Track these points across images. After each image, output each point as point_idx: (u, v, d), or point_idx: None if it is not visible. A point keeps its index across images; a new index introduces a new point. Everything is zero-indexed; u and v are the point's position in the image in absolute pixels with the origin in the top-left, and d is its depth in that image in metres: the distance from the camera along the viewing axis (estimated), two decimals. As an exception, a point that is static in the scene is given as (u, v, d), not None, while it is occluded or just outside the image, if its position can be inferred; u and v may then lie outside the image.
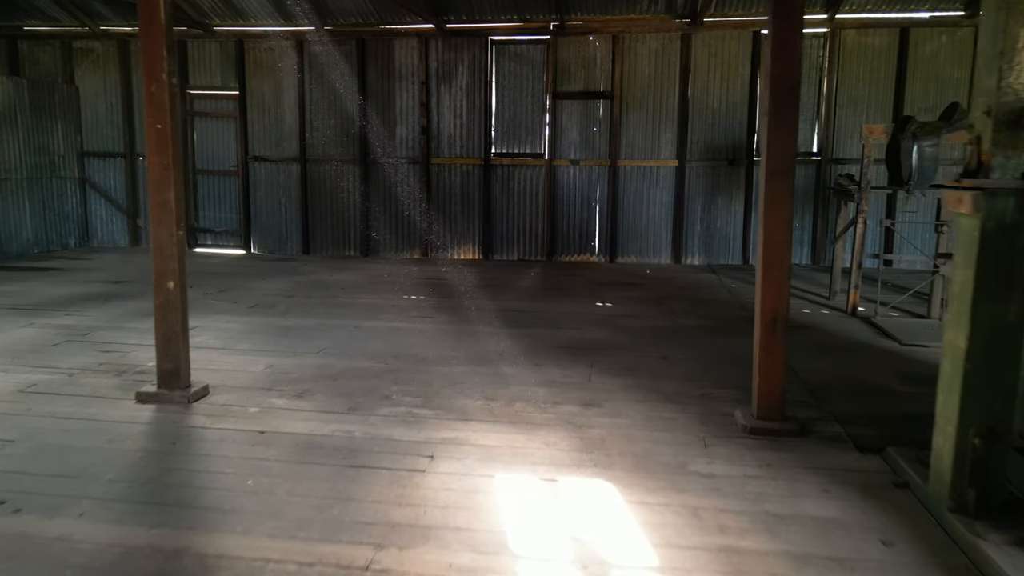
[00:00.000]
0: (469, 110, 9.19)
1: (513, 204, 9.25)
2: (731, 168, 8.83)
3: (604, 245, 9.16)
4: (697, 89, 8.76)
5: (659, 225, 9.04)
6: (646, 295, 6.99)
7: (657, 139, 8.93)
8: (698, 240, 9.00)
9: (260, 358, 4.65)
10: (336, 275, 8.02)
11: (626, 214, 9.06)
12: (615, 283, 7.65)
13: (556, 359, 4.70)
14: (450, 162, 9.28)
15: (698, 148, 8.86)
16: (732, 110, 8.75)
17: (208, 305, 6.27)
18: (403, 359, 4.68)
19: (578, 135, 9.06)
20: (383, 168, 9.41)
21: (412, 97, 9.27)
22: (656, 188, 8.99)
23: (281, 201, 9.67)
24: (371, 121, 9.36)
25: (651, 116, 8.90)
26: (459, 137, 9.26)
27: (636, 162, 8.96)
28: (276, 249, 9.76)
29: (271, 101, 9.54)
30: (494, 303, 6.54)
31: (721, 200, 8.89)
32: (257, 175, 9.69)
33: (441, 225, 9.42)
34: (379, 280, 7.68)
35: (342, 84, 9.32)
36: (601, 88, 8.95)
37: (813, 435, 3.45)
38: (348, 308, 6.23)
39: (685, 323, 5.81)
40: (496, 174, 9.24)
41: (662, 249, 9.07)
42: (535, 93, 9.06)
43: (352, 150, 9.42)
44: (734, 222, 8.91)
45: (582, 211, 9.15)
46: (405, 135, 9.35)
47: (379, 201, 9.46)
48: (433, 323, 5.72)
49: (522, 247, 9.32)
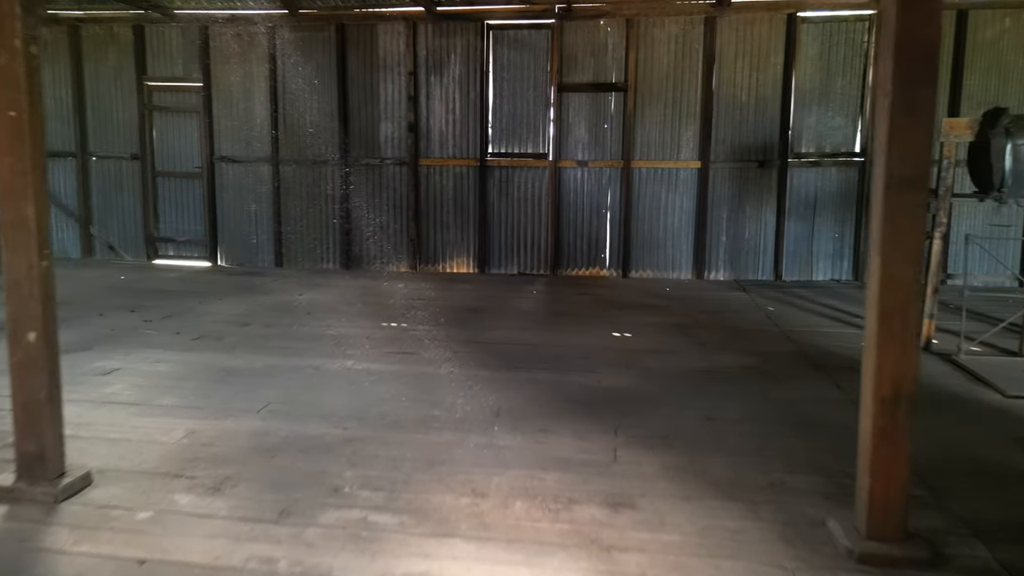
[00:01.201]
0: (463, 104, 8.10)
1: (512, 211, 8.17)
2: (761, 170, 7.74)
3: (616, 257, 8.07)
4: (723, 80, 7.68)
5: (679, 235, 7.95)
6: (669, 321, 5.90)
7: (677, 137, 7.84)
8: (723, 252, 7.91)
9: (181, 420, 3.56)
10: (308, 294, 6.93)
11: (641, 222, 7.98)
12: (631, 304, 6.56)
13: (569, 421, 3.61)
14: (441, 163, 8.19)
15: (724, 148, 7.77)
16: (763, 104, 7.66)
17: (142, 338, 5.18)
18: (368, 421, 3.58)
19: (586, 133, 7.97)
20: (366, 170, 8.33)
21: (398, 90, 8.18)
22: (675, 193, 7.90)
23: (251, 207, 8.58)
24: (352, 117, 8.28)
25: (670, 111, 7.81)
26: (451, 135, 8.17)
27: (653, 163, 7.87)
28: (246, 261, 8.66)
29: (240, 95, 8.45)
30: (489, 332, 5.45)
31: (750, 207, 7.81)
32: (224, 178, 8.60)
33: (431, 234, 8.34)
34: (356, 301, 6.59)
35: (319, 75, 8.23)
36: (613, 79, 7.86)
37: (952, 565, 2.36)
38: (312, 341, 5.14)
39: (724, 362, 4.72)
40: (493, 177, 8.15)
41: (682, 262, 7.98)
42: (538, 85, 7.97)
43: (331, 150, 8.33)
44: (764, 232, 7.82)
45: (591, 219, 8.06)
46: (391, 133, 8.26)
47: (361, 207, 8.38)
48: (414, 363, 4.62)
49: (523, 259, 8.23)
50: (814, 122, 7.64)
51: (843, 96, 7.57)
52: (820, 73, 7.56)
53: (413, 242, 8.31)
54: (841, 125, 7.62)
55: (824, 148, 7.68)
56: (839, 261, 7.77)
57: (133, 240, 8.86)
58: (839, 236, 7.73)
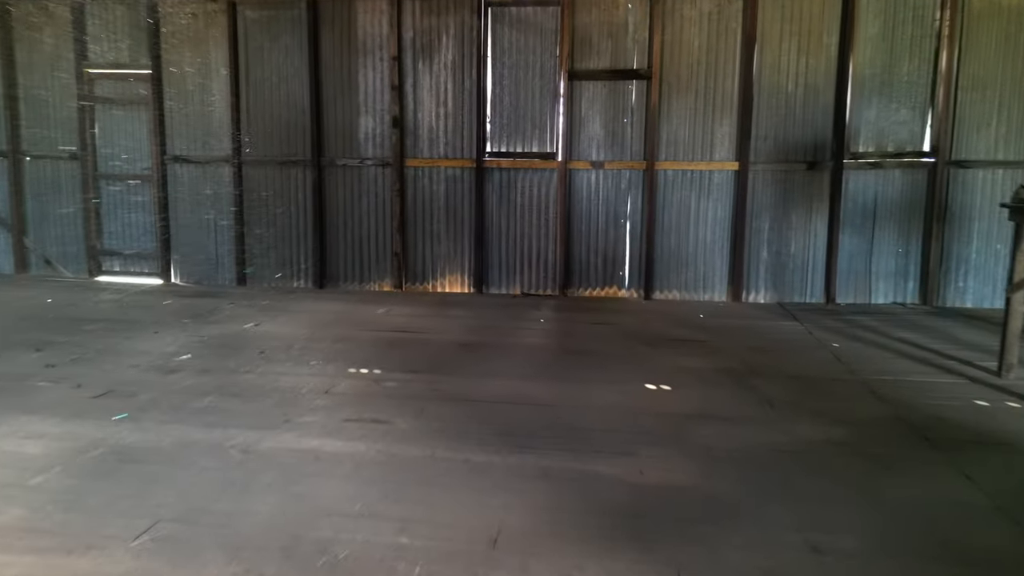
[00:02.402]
0: (456, 95, 6.87)
1: (515, 220, 6.94)
2: (811, 173, 6.51)
3: (637, 276, 6.85)
4: (766, 65, 6.45)
5: (711, 249, 6.72)
6: (714, 364, 4.67)
7: (710, 133, 6.61)
8: (764, 270, 6.68)
9: (6, 558, 2.33)
10: (267, 322, 5.70)
11: (667, 234, 6.75)
12: (661, 337, 5.33)
13: (606, 554, 2.38)
14: (431, 164, 6.97)
15: (766, 146, 6.55)
16: (813, 94, 6.44)
17: (28, 394, 3.94)
18: (298, 560, 2.35)
19: (602, 128, 6.75)
20: (343, 172, 7.10)
21: (380, 78, 6.95)
22: (708, 199, 6.68)
23: (209, 215, 7.34)
24: (327, 110, 7.05)
25: (702, 103, 6.59)
26: (443, 131, 6.94)
27: (681, 164, 6.65)
28: (204, 278, 7.43)
29: (195, 84, 7.21)
30: (486, 383, 4.22)
31: (796, 216, 6.58)
32: (178, 181, 7.36)
33: (419, 247, 7.11)
34: (324, 333, 5.36)
35: (288, 61, 7.01)
36: (634, 65, 6.63)
37: None
38: (252, 399, 3.91)
39: (804, 434, 3.49)
40: (492, 180, 6.93)
41: (715, 281, 6.75)
42: (545, 72, 6.75)
43: (302, 148, 7.10)
44: (814, 246, 6.59)
45: (607, 230, 6.83)
46: (371, 128, 7.03)
47: (337, 215, 7.15)
48: (382, 438, 3.39)
49: (527, 277, 7.00)
50: (875, 115, 6.42)
51: (910, 84, 6.34)
52: (882, 56, 6.33)
53: (398, 256, 7.08)
54: (907, 119, 6.39)
55: (886, 146, 6.45)
56: (903, 281, 6.54)
57: (74, 253, 7.62)
58: (903, 251, 6.50)
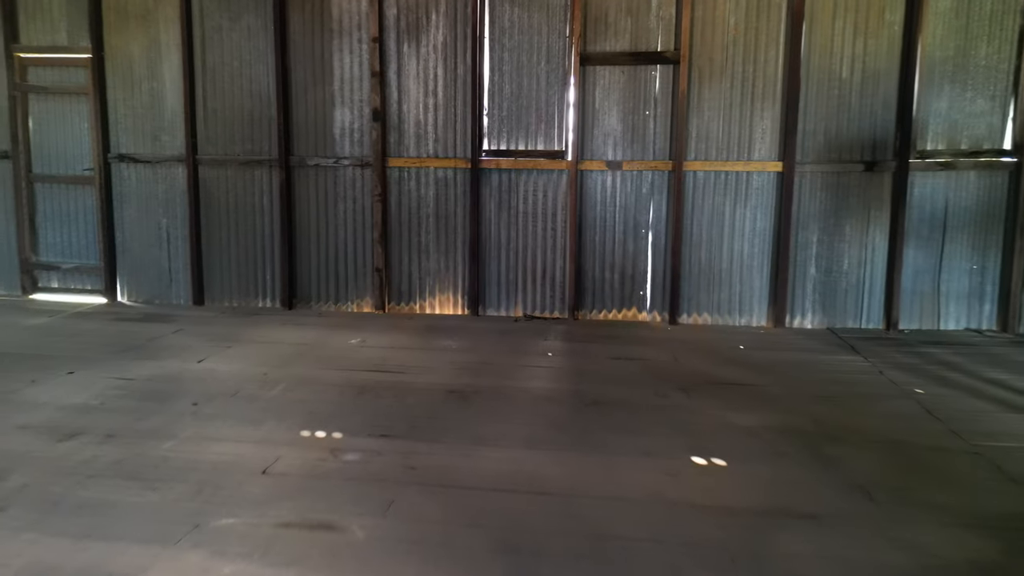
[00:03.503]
0: (448, 83, 5.85)
1: (517, 230, 5.91)
2: (868, 175, 5.49)
3: (660, 296, 5.82)
4: (815, 47, 5.43)
5: (749, 265, 5.69)
6: (774, 420, 3.63)
7: (748, 129, 5.59)
8: (812, 290, 5.65)
9: None
10: (215, 357, 4.66)
11: (696, 247, 5.72)
12: (699, 377, 4.30)
13: None
14: (419, 164, 5.94)
15: (815, 143, 5.53)
16: (872, 81, 5.41)
17: None
18: None
19: (620, 122, 5.72)
20: (315, 174, 6.07)
21: (359, 63, 5.92)
22: (745, 206, 5.65)
23: (161, 223, 6.31)
24: (296, 100, 6.02)
25: (739, 92, 5.56)
26: (432, 125, 5.92)
27: (714, 165, 5.62)
28: (156, 295, 6.39)
29: (144, 70, 6.18)
30: (478, 454, 3.19)
31: (850, 226, 5.55)
32: (125, 183, 6.33)
33: (404, 261, 6.08)
34: (280, 374, 4.33)
35: (251, 43, 5.98)
36: (658, 46, 5.61)
37: None
38: (159, 486, 2.87)
39: (933, 548, 2.45)
40: (490, 183, 5.90)
41: (754, 303, 5.72)
42: (552, 56, 5.72)
43: (267, 145, 6.08)
44: (871, 261, 5.56)
45: (626, 241, 5.81)
46: (348, 122, 6.00)
47: (308, 224, 6.12)
48: (326, 562, 2.36)
49: (531, 296, 5.97)
50: (946, 107, 5.39)
51: (988, 70, 5.32)
52: (956, 37, 5.31)
53: (379, 272, 6.04)
54: (985, 111, 5.37)
55: (959, 144, 5.43)
56: (977, 303, 5.51)
57: (5, 266, 6.58)
58: (978, 268, 5.47)
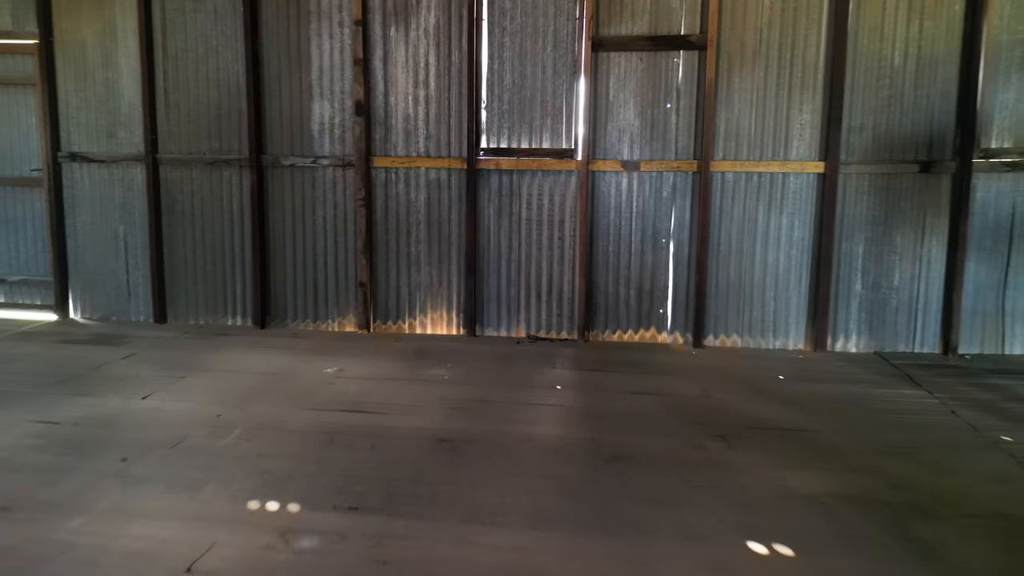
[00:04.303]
0: (441, 72, 5.14)
1: (519, 238, 5.20)
2: (924, 177, 4.79)
3: (683, 314, 5.11)
4: (864, 30, 4.73)
5: (785, 280, 4.99)
6: (840, 483, 2.91)
7: (785, 123, 4.88)
8: (858, 308, 4.94)
9: None
10: (165, 391, 3.94)
11: (724, 259, 5.02)
12: (738, 419, 3.58)
13: None
14: (408, 164, 5.23)
15: (862, 140, 4.82)
16: (929, 69, 4.71)
17: None
18: None
19: (637, 116, 5.02)
20: (291, 175, 5.36)
21: (340, 49, 5.22)
22: (781, 212, 4.95)
23: (118, 230, 5.60)
24: (269, 92, 5.31)
25: (775, 80, 4.86)
26: (423, 120, 5.21)
27: (745, 165, 4.92)
28: (113, 312, 5.68)
29: (98, 58, 5.48)
30: (471, 545, 2.46)
31: (902, 235, 4.85)
32: (78, 186, 5.62)
33: (391, 274, 5.37)
34: (237, 415, 3.61)
35: (218, 27, 5.28)
36: (682, 29, 4.91)
37: None
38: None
39: None
40: (489, 186, 5.19)
41: (790, 323, 5.01)
42: (559, 40, 5.02)
43: (237, 143, 5.37)
44: (926, 276, 4.86)
45: (643, 252, 5.10)
46: (328, 117, 5.30)
47: (284, 231, 5.41)
48: None
49: (535, 315, 5.26)
50: (1014, 98, 4.69)
51: (1063, 56, 4.63)
52: (1026, 18, 4.63)
53: (363, 287, 5.33)
54: (1059, 103, 4.67)
55: (1029, 141, 4.74)
56: (1048, 324, 4.82)
57: (-55, 279, 5.89)
58: (1050, 284, 4.78)
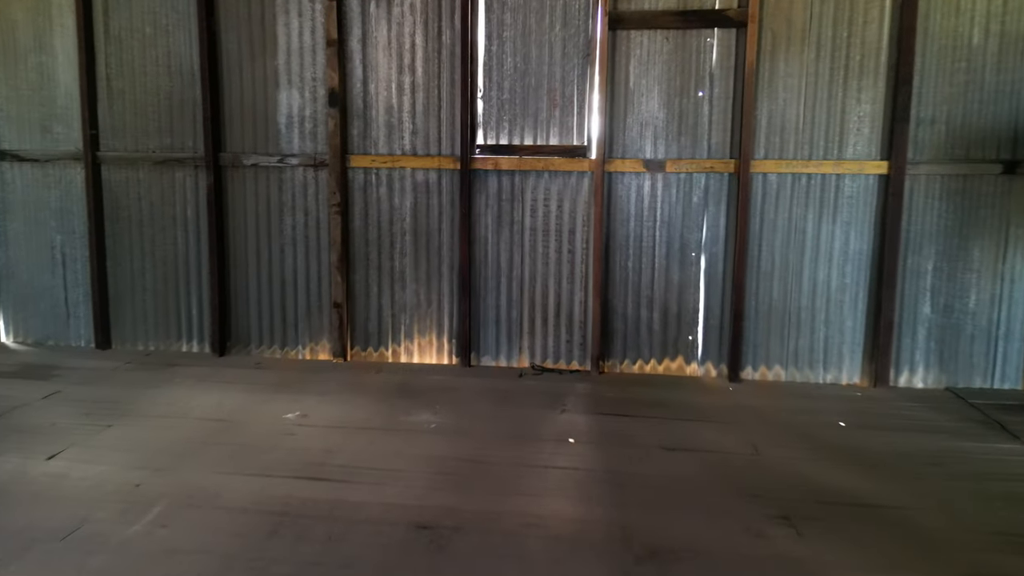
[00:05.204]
0: (430, 55, 4.35)
1: (522, 251, 4.41)
2: (1009, 179, 4.00)
3: (717, 342, 4.31)
4: (935, 5, 3.94)
5: (838, 300, 4.19)
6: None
7: (839, 115, 4.09)
8: (926, 336, 4.15)
9: None
10: (75, 448, 3.12)
11: (766, 276, 4.22)
12: (797, 484, 2.78)
13: None
14: (391, 164, 4.44)
15: (933, 135, 4.03)
16: (1014, 50, 3.92)
17: None
18: None
19: (663, 107, 4.23)
20: (254, 176, 4.56)
21: (311, 29, 4.43)
22: (834, 221, 4.15)
23: (55, 240, 4.80)
24: (229, 80, 4.52)
25: (828, 64, 4.07)
26: (408, 112, 4.42)
27: (792, 165, 4.12)
28: (50, 335, 4.88)
29: (29, 40, 4.69)
30: None
31: (981, 250, 4.06)
32: (8, 188, 4.82)
33: (372, 293, 4.57)
34: (160, 483, 2.80)
35: (169, 4, 4.49)
36: (716, 3, 4.12)
37: None
38: None
39: None
40: (487, 190, 4.40)
41: (844, 352, 4.21)
42: (570, 16, 4.23)
43: (191, 139, 4.58)
44: (1010, 298, 4.07)
45: (669, 268, 4.31)
46: (298, 108, 4.50)
47: (246, 242, 4.62)
48: None
49: (541, 341, 4.47)
50: (1118, 85, 3.92)
51: None
52: None
53: (339, 308, 4.53)
54: None
55: None
56: None
57: None
58: None
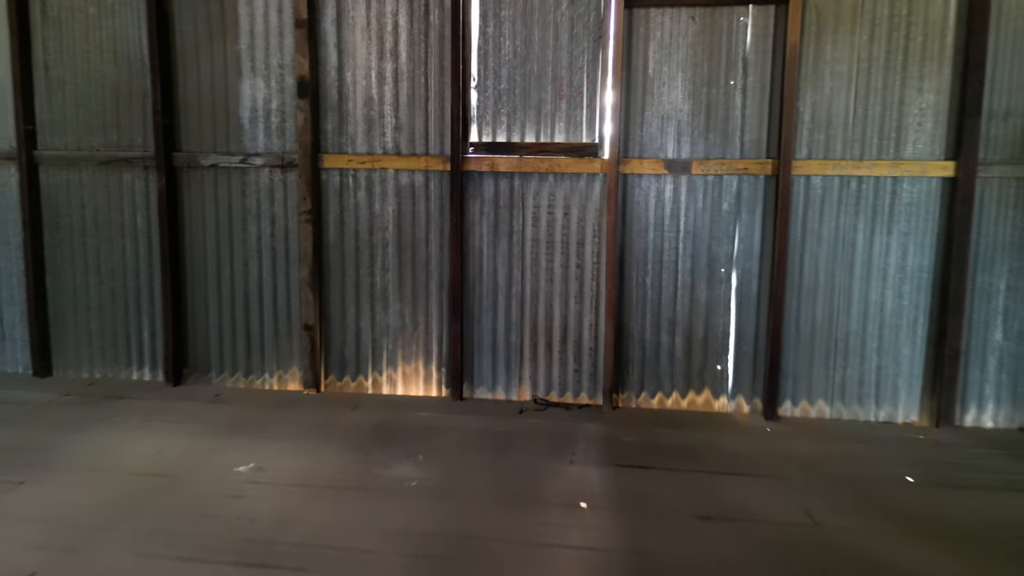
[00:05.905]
0: (415, 38, 3.74)
1: (522, 266, 3.80)
2: (1095, 184, 3.40)
3: (750, 372, 3.70)
4: (1013, -25, 3.36)
5: (893, 325, 3.58)
6: None
7: (896, 108, 3.49)
8: (997, 367, 3.54)
9: None
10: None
11: (808, 295, 3.61)
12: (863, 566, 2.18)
13: None
14: (371, 164, 3.82)
15: (1008, 131, 3.43)
16: (1106, 30, 3.33)
17: None
18: None
19: (688, 99, 3.61)
20: (214, 178, 3.95)
21: (277, 8, 3.82)
22: (890, 232, 3.54)
23: (-16, 253, 4.20)
24: (184, 67, 3.90)
25: (883, 48, 3.46)
26: (391, 105, 3.80)
27: (839, 166, 3.51)
28: (-20, 361, 4.27)
29: (-45, 20, 4.08)
30: None
31: (1061, 266, 3.46)
32: (-69, 193, 4.22)
33: (349, 314, 3.95)
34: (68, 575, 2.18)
35: (115, -22, 3.88)
36: (752, -24, 3.52)
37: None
38: None
39: None
40: (482, 194, 3.78)
41: (899, 385, 3.60)
42: (579, -7, 3.63)
43: (140, 135, 3.96)
44: (1095, 323, 3.47)
45: (695, 286, 3.69)
46: (263, 100, 3.89)
47: (204, 255, 4.00)
48: None
49: (544, 370, 3.85)
50: None
51: None
52: None
53: (310, 331, 3.91)
54: None
55: None
56: None
57: None
58: None
